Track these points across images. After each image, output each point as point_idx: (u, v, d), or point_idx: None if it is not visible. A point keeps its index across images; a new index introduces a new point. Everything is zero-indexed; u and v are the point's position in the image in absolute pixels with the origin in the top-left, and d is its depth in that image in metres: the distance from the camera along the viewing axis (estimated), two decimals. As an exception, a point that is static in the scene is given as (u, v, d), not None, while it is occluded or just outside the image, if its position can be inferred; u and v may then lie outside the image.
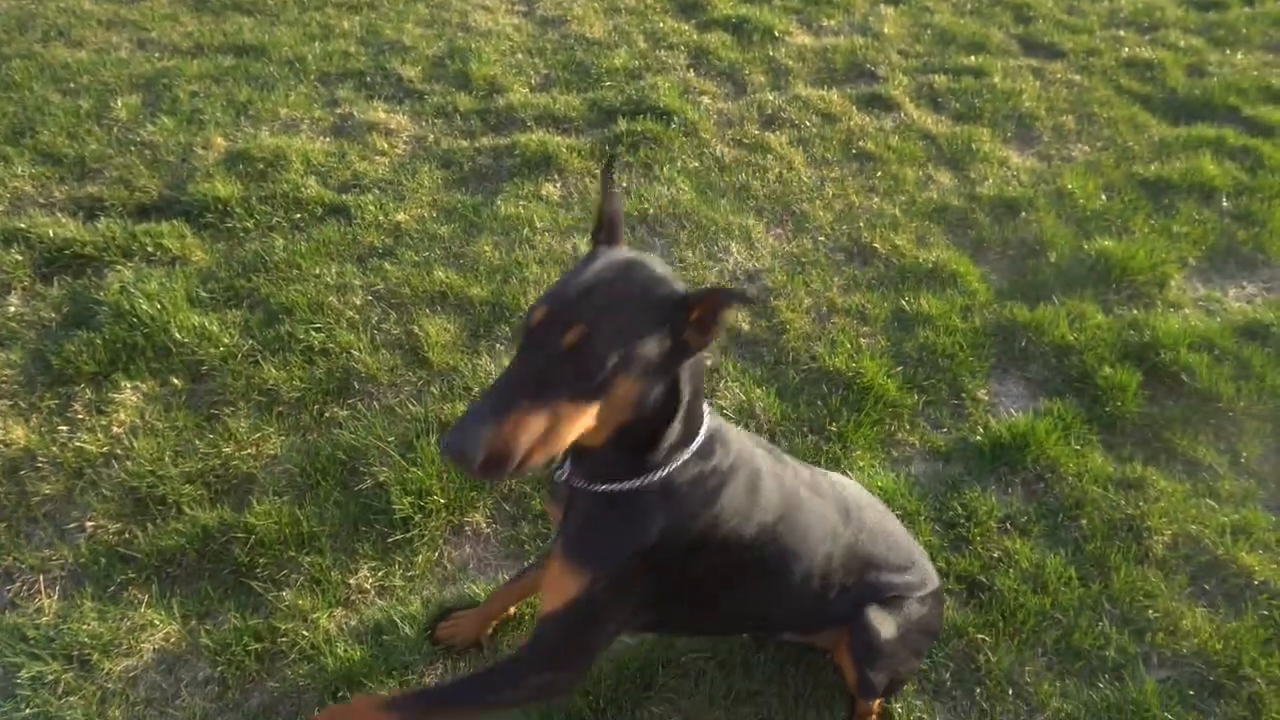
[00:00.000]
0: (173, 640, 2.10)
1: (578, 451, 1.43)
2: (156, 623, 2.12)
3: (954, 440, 2.60)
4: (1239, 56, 4.57)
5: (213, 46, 4.20)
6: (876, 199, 3.46)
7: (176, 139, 3.54)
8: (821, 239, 3.28)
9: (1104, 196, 3.50)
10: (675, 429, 1.40)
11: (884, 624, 1.72)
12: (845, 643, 1.76)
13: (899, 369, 2.77)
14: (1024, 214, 3.40)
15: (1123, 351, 2.83)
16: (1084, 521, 2.34)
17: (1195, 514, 2.35)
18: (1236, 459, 2.54)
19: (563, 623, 1.49)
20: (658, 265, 1.34)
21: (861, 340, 2.86)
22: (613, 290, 1.27)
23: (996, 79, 4.17)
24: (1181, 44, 4.57)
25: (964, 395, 2.73)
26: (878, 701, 1.88)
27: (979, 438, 2.58)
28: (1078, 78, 4.24)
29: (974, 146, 3.74)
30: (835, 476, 1.85)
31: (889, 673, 1.76)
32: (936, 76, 4.19)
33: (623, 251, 1.35)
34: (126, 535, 2.28)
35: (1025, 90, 4.10)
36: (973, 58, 4.34)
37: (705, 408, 1.48)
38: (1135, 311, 2.99)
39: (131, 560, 2.24)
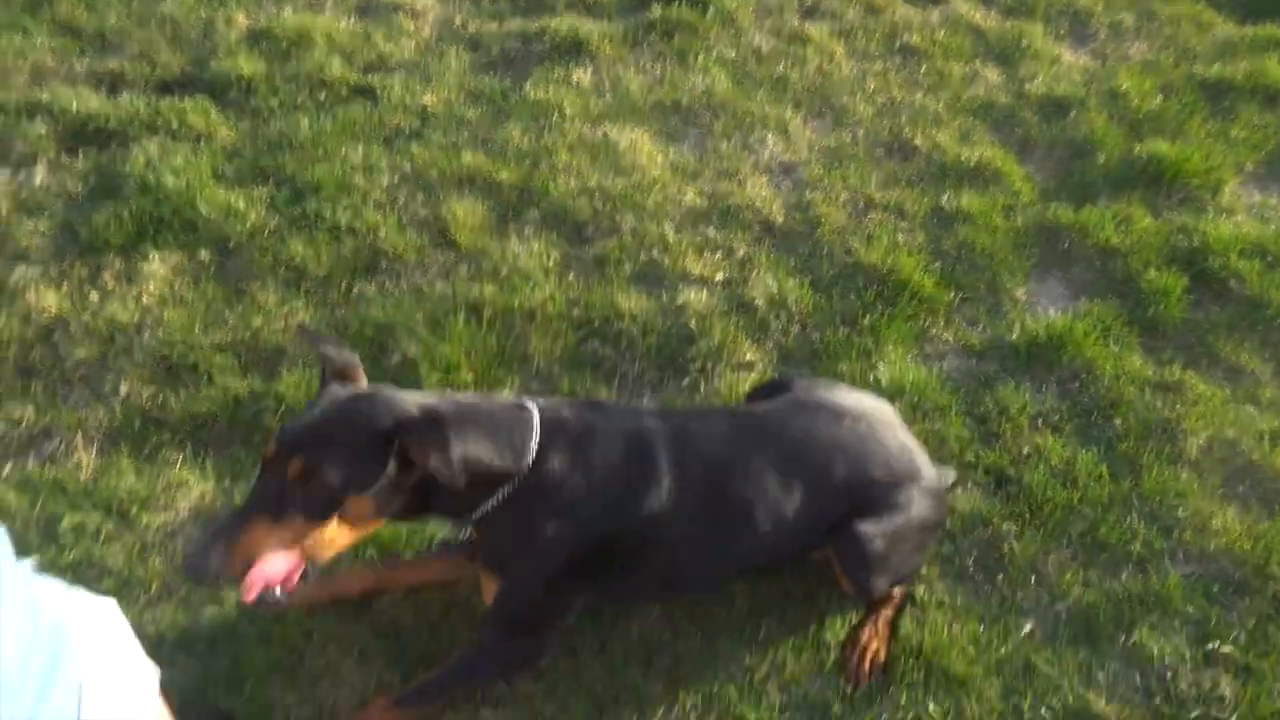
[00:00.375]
0: (208, 499, 2.15)
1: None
2: (191, 482, 2.16)
3: (989, 338, 2.55)
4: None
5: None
6: (920, 94, 3.33)
7: (198, 14, 3.45)
8: (861, 133, 3.17)
9: (1160, 97, 3.34)
10: (459, 501, 1.58)
11: (873, 534, 1.75)
12: (834, 557, 1.80)
13: (936, 265, 2.71)
14: (1074, 113, 3.26)
15: (1169, 256, 2.74)
16: (1118, 421, 2.30)
17: (1233, 419, 2.31)
18: (1280, 367, 2.48)
19: (501, 609, 1.73)
20: (381, 396, 1.53)
21: (899, 236, 2.79)
22: (333, 427, 1.48)
23: (1054, -29, 3.95)
24: (1253, -60, 4.30)
25: (1002, 294, 2.67)
26: (896, 589, 1.90)
27: (1015, 336, 2.53)
28: (1140, -28, 4.01)
29: (1024, 43, 3.57)
30: (808, 393, 1.94)
31: (888, 576, 1.79)
32: (990, -33, 3.98)
33: (352, 389, 1.57)
34: (160, 400, 2.31)
35: (1083, -16, 3.89)
36: (1028, -51, 4.11)
37: (532, 422, 1.63)
38: (1185, 216, 2.89)
39: (165, 424, 2.27)
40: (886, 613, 1.89)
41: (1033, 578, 1.99)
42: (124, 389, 2.34)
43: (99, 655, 0.68)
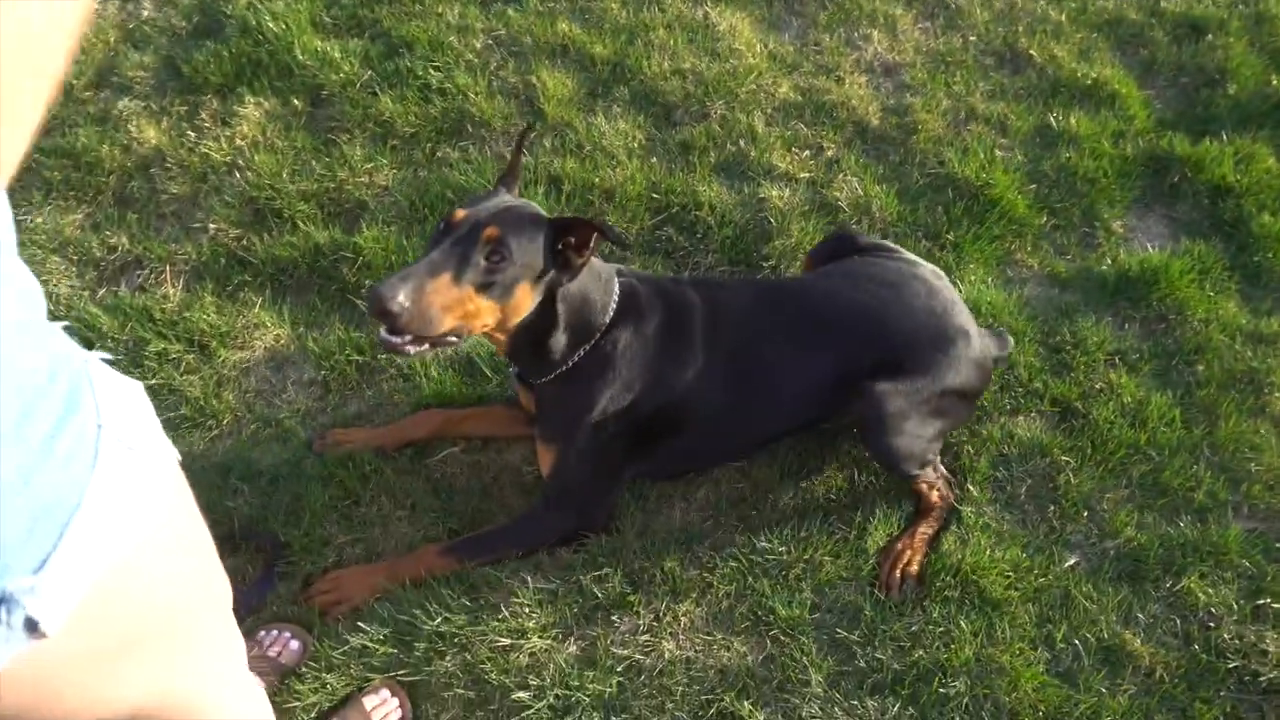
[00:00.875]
0: (283, 342, 2.23)
1: (506, 354, 1.79)
2: (269, 324, 2.25)
3: (1077, 269, 2.46)
4: None
5: None
6: (1043, 2, 3.12)
7: None
8: (973, 39, 2.99)
9: (1312, 28, 3.07)
10: (561, 339, 1.72)
11: (890, 392, 1.80)
12: (857, 420, 1.89)
13: (1032, 187, 2.59)
14: (1210, 37, 3.02)
15: (1289, 201, 2.57)
16: (1201, 368, 2.22)
17: (1327, 379, 2.20)
18: (1389, 331, 2.34)
19: (557, 480, 1.84)
20: (543, 214, 1.66)
21: (997, 152, 2.67)
22: (515, 212, 1.60)
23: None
24: None
25: (1097, 224, 2.55)
26: (933, 490, 1.90)
27: (1104, 268, 2.43)
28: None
29: (1170, -46, 3.29)
30: (847, 268, 2.00)
31: (907, 439, 1.82)
32: None
33: (513, 195, 1.72)
34: (245, 241, 2.39)
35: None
36: None
37: (615, 287, 1.77)
38: (1315, 161, 2.69)
39: (248, 265, 2.35)
40: (926, 526, 1.90)
41: (1085, 513, 1.97)
42: (213, 227, 2.42)
43: (121, 404, 0.72)
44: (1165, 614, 1.82)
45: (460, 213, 1.58)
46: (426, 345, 1.56)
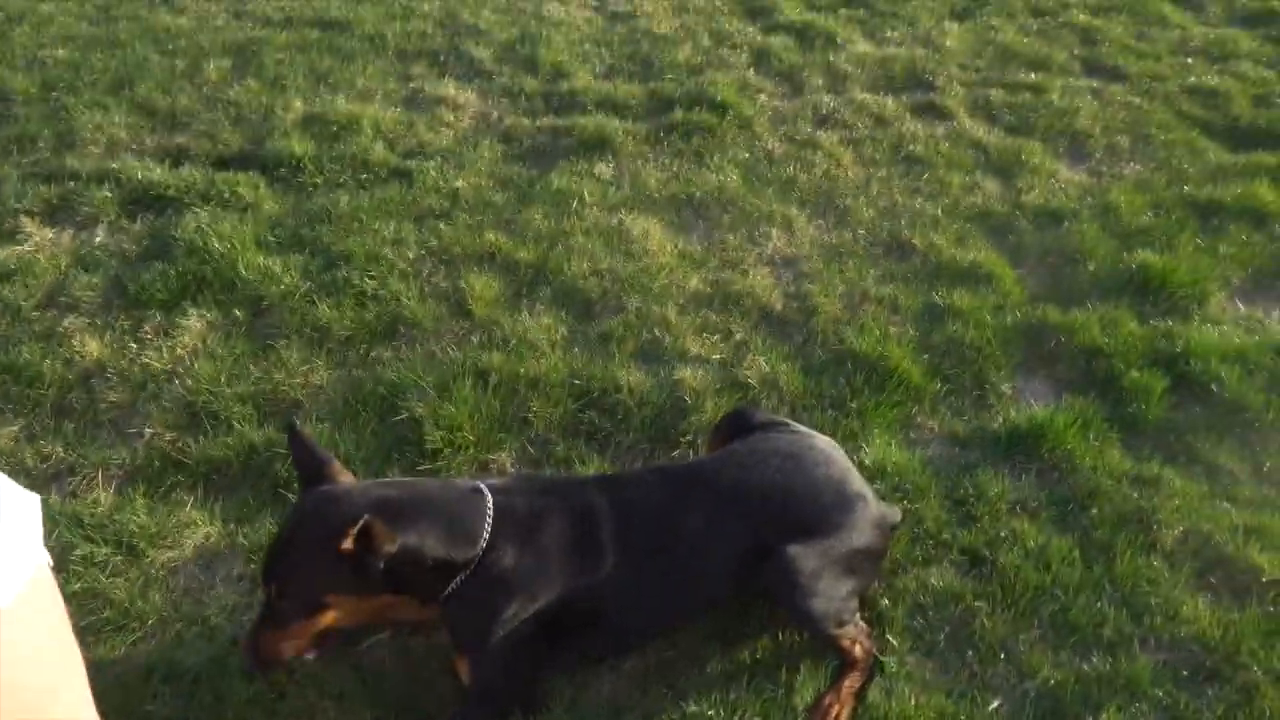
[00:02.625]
0: (213, 539, 2.26)
1: None
2: (199, 522, 2.28)
3: (973, 428, 2.64)
4: (1310, 91, 4.51)
5: (301, 20, 4.45)
6: (920, 200, 3.52)
7: (259, 100, 3.78)
8: (862, 232, 3.35)
9: (1151, 214, 3.50)
10: (427, 580, 1.80)
11: (799, 555, 1.89)
12: (771, 585, 1.94)
13: (925, 357, 2.82)
14: (1067, 224, 3.43)
15: (1152, 358, 2.84)
16: (1094, 511, 2.36)
17: (1209, 513, 2.35)
18: (1259, 467, 2.53)
19: (478, 687, 1.87)
20: (335, 500, 1.77)
21: (891, 327, 2.93)
22: (294, 547, 1.75)
23: (1055, 96, 4.19)
24: (1251, 74, 4.53)
25: (987, 387, 2.77)
26: (856, 644, 1.94)
27: (997, 426, 2.62)
28: (1138, 100, 4.23)
29: (1024, 158, 3.77)
30: (748, 445, 2.11)
31: (822, 600, 1.89)
32: (994, 90, 4.23)
33: (312, 496, 1.81)
34: (180, 444, 2.46)
35: (1083, 109, 4.11)
36: (1033, 75, 4.37)
37: (485, 506, 1.84)
38: (1171, 323, 2.99)
39: (183, 466, 2.41)
40: (851, 680, 1.93)
41: (1002, 655, 2.03)
42: (148, 432, 2.49)
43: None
44: (1088, 752, 1.85)
45: (259, 573, 1.87)
46: (309, 655, 1.86)
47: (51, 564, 0.88)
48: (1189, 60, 4.64)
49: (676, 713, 1.90)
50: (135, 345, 2.72)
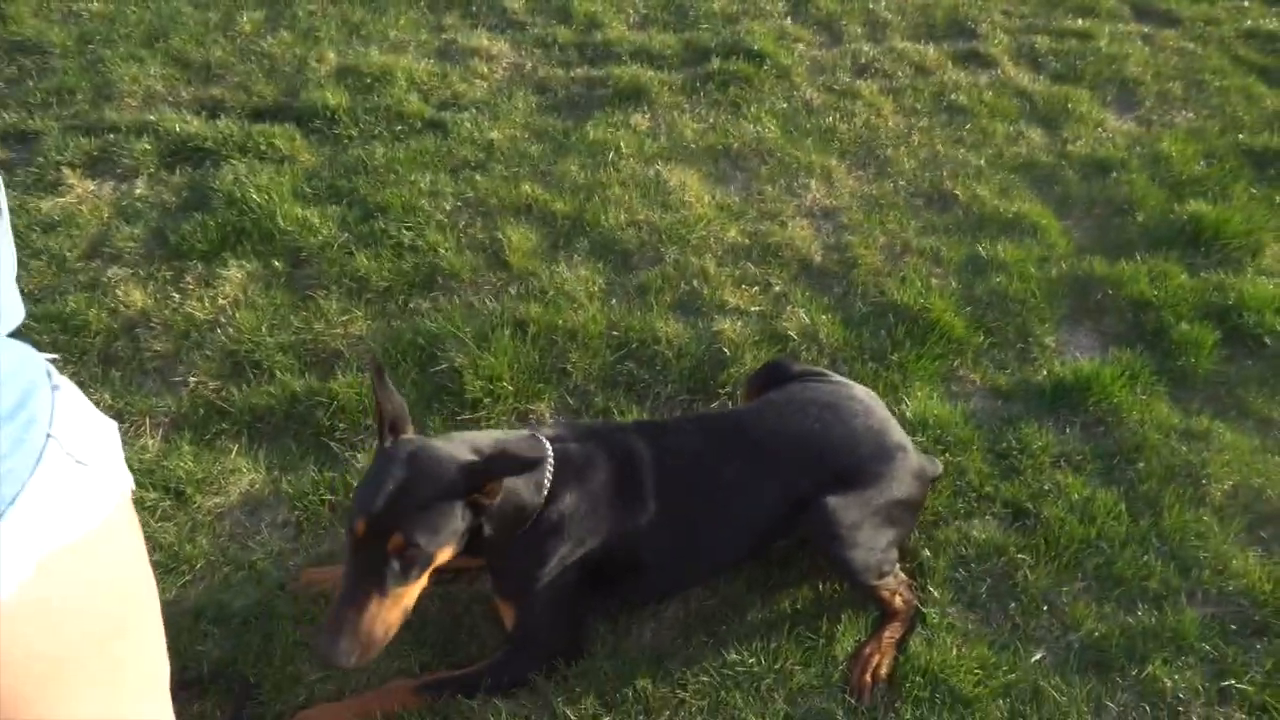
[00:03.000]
0: (257, 485, 2.29)
1: None
2: (244, 469, 2.31)
3: (1016, 381, 2.60)
4: (1373, 36, 4.33)
5: (332, -29, 4.41)
6: (963, 150, 3.44)
7: (293, 51, 3.76)
8: (903, 183, 3.28)
9: (1203, 163, 3.39)
10: (494, 533, 1.72)
11: (838, 505, 1.88)
12: (812, 536, 1.94)
13: (967, 309, 2.78)
14: (1115, 174, 3.33)
15: (1203, 311, 2.77)
16: (1141, 465, 2.32)
17: (1261, 468, 2.31)
18: (1313, 422, 2.48)
19: (522, 632, 1.86)
20: (439, 449, 1.66)
21: (933, 280, 2.88)
22: (414, 494, 1.58)
23: (1103, 43, 4.06)
24: (1311, 19, 4.36)
25: (1031, 340, 2.72)
26: (896, 595, 1.94)
27: (1041, 379, 2.58)
28: (1191, 45, 4.09)
29: (1070, 106, 3.66)
30: (786, 395, 2.10)
31: (862, 550, 1.88)
32: (1039, 37, 4.11)
33: (408, 444, 1.66)
34: (223, 392, 2.49)
35: (1132, 55, 3.98)
36: (1080, 21, 4.23)
37: (548, 453, 1.81)
38: (1222, 275, 2.92)
39: (226, 414, 2.44)
40: (891, 631, 1.93)
41: (1045, 608, 2.01)
42: (193, 380, 2.52)
43: (79, 426, 0.80)
44: (1134, 702, 1.83)
45: (360, 524, 1.57)
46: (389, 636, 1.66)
47: (133, 487, 0.89)
48: (1246, 3, 4.47)
49: (717, 660, 1.91)
50: (178, 295, 2.74)
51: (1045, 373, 2.60)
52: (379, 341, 2.60)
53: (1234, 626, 1.96)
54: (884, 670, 1.88)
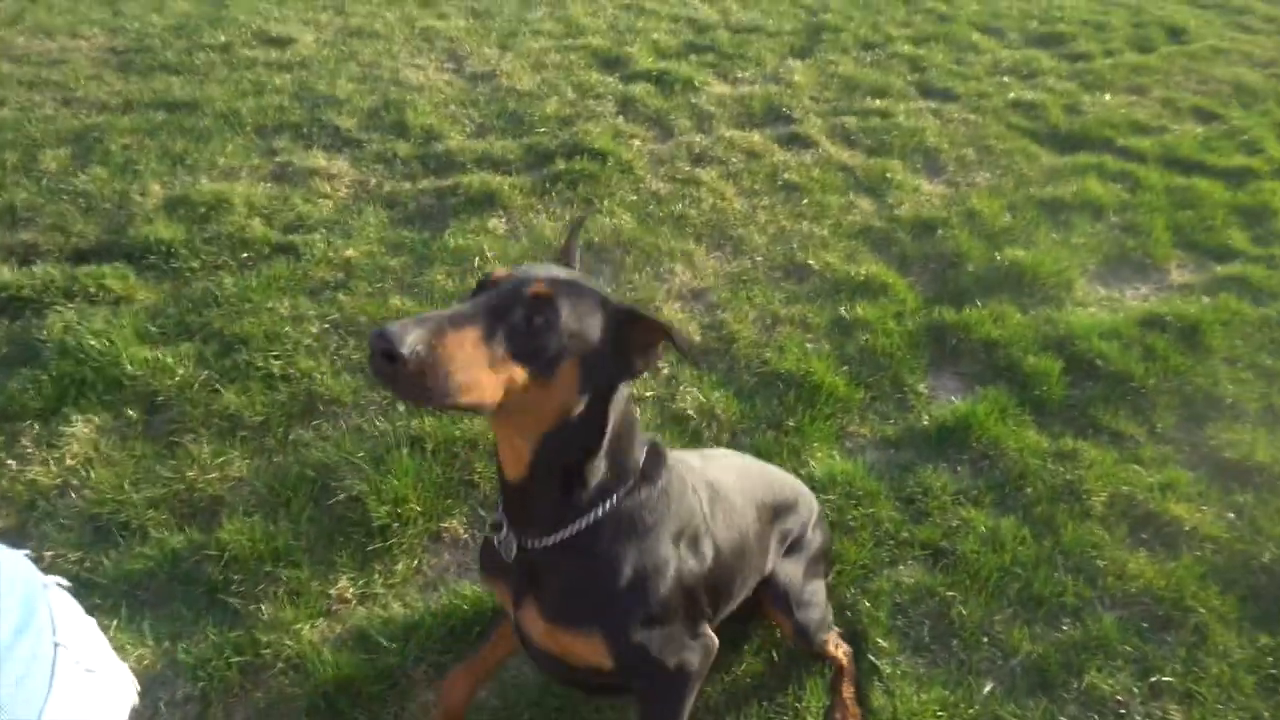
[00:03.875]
0: (146, 661, 2.03)
1: (508, 495, 1.44)
2: (128, 646, 2.04)
3: (902, 429, 2.76)
4: (1107, 97, 5.08)
5: (142, 103, 4.19)
6: (805, 222, 3.69)
7: (111, 187, 3.51)
8: (759, 259, 3.46)
9: (1008, 215, 3.81)
10: (601, 465, 1.39)
11: (792, 570, 1.90)
12: (768, 602, 1.90)
13: (844, 368, 2.93)
14: (940, 231, 3.68)
15: (1042, 344, 3.07)
16: (1029, 489, 2.51)
17: (1125, 476, 2.55)
18: (1153, 429, 2.77)
19: (632, 655, 1.47)
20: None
21: (807, 345, 3.03)
22: (572, 280, 1.30)
23: (901, 118, 4.52)
24: (1058, 88, 5.06)
25: (906, 389, 2.90)
26: (838, 648, 1.97)
27: (925, 423, 2.74)
28: (972, 116, 4.63)
29: (888, 175, 4.03)
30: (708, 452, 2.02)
31: (813, 609, 1.91)
32: (847, 118, 4.52)
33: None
34: (88, 563, 2.21)
35: (928, 128, 4.46)
36: (877, 101, 4.71)
37: (639, 439, 1.48)
38: (1048, 310, 3.26)
39: (96, 586, 2.16)
40: (847, 687, 1.95)
41: (984, 639, 2.10)
42: (48, 555, 2.22)
43: (80, 629, 0.71)
44: (1082, 713, 1.94)
45: (502, 270, 1.31)
46: (431, 401, 1.17)
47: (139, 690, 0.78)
48: (1005, 79, 5.13)
49: (691, 754, 1.85)
50: (14, 462, 2.43)
51: (926, 418, 2.77)
52: (263, 480, 2.41)
53: (1145, 625, 2.12)
54: (859, 730, 1.88)
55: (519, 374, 1.22)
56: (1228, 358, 3.08)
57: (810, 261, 3.43)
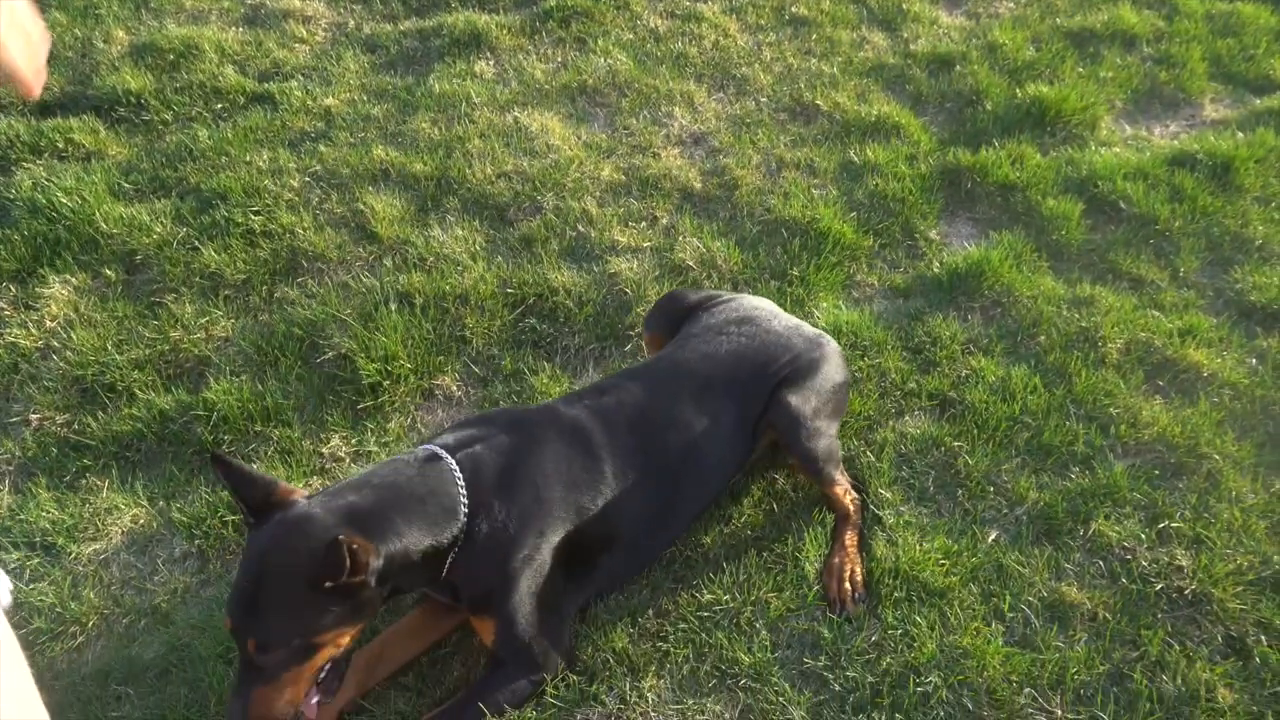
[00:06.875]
0: (141, 521, 2.02)
1: None
2: (122, 506, 2.03)
3: (911, 277, 2.64)
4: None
5: (98, -59, 3.88)
6: (814, 60, 3.44)
7: (72, 34, 3.29)
8: (764, 100, 3.25)
9: (1032, 48, 3.55)
10: (424, 565, 1.59)
11: (803, 400, 1.92)
12: (778, 434, 1.95)
13: (852, 215, 2.79)
14: (958, 68, 3.43)
15: (1063, 186, 2.90)
16: (1042, 338, 2.41)
17: (1144, 323, 2.45)
18: (1176, 274, 2.65)
19: (506, 646, 1.67)
20: (303, 529, 1.46)
21: (813, 191, 2.87)
22: (266, 593, 1.43)
23: (920, -56, 4.16)
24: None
25: (917, 236, 2.77)
26: (847, 494, 1.95)
27: (936, 271, 2.63)
28: (998, -61, 4.26)
29: (904, 7, 3.74)
30: (700, 325, 2.06)
31: (826, 440, 1.94)
32: (861, -56, 4.16)
33: (274, 527, 1.48)
34: (76, 425, 2.17)
35: (948, -47, 4.11)
36: (895, -75, 4.32)
37: (453, 475, 1.65)
38: (1071, 150, 3.07)
39: (86, 448, 2.13)
40: (850, 534, 1.92)
41: (990, 489, 2.06)
42: (34, 418, 2.18)
43: None
44: (1088, 559, 1.91)
45: (228, 623, 1.47)
46: (313, 701, 1.52)
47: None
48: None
49: (691, 605, 1.84)
50: (-7, 326, 2.36)
51: (937, 265, 2.65)
52: (250, 339, 2.34)
53: (1156, 472, 2.07)
54: (859, 577, 1.87)
55: (310, 666, 1.48)
56: (1260, 197, 2.91)
57: (818, 102, 3.22)
